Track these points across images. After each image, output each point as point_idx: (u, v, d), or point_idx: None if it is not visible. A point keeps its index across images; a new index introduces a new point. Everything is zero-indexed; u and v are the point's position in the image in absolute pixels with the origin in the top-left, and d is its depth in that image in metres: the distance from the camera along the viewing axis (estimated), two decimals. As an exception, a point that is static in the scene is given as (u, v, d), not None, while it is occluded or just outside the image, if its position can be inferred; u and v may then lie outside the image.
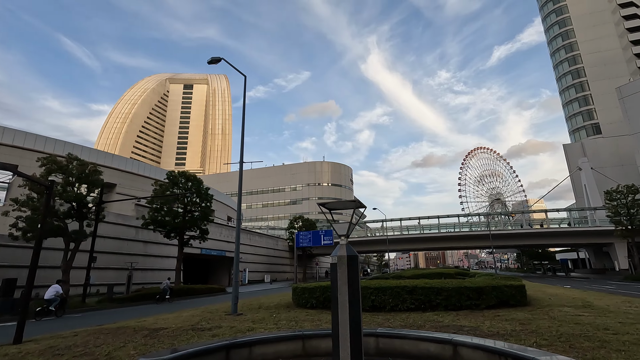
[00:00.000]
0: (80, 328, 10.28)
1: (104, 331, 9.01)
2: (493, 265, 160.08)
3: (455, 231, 57.53)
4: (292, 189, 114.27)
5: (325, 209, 5.51)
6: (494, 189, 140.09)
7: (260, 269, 55.11)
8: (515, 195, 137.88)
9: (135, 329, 9.18)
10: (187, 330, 8.61)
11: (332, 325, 4.89)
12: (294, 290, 13.64)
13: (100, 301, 22.01)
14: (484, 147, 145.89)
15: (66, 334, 9.12)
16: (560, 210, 58.08)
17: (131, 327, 9.51)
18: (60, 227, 19.97)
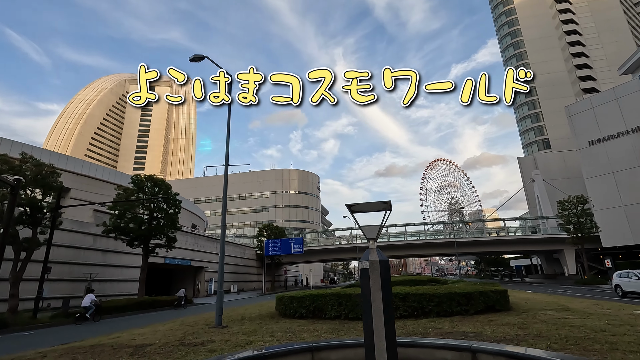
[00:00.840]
0: (44, 348, 9.06)
1: (77, 350, 7.99)
2: (452, 272, 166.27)
3: (422, 239, 59.17)
4: (258, 197, 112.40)
5: (354, 211, 5.22)
6: (452, 199, 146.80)
7: (227, 278, 53.07)
8: (472, 205, 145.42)
9: (113, 346, 8.24)
10: (176, 346, 7.85)
11: (365, 335, 4.58)
12: (280, 300, 13.08)
13: (55, 316, 19.91)
14: (443, 158, 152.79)
15: (30, 354, 7.97)
16: (517, 219, 61.71)
17: (108, 345, 8.54)
18: (10, 234, 17.87)
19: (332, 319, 11.20)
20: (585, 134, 53.71)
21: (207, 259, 48.72)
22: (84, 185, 34.55)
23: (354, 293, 11.35)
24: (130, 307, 24.39)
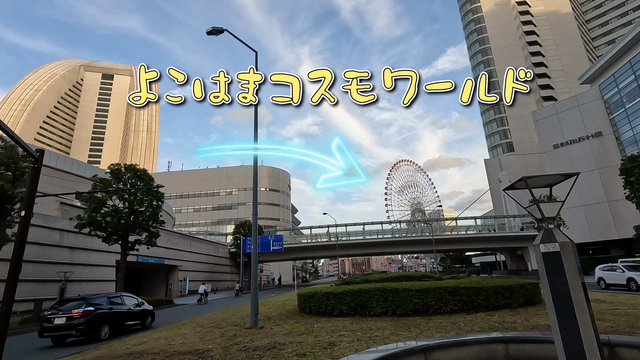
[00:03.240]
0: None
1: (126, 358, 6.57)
2: (416, 269, 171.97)
3: (399, 236, 60.07)
4: (227, 193, 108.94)
5: (532, 185, 4.49)
6: (415, 199, 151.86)
7: (201, 277, 50.44)
8: (432, 205, 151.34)
9: (165, 353, 6.88)
10: (243, 350, 6.68)
11: (563, 332, 3.88)
12: (310, 297, 12.09)
13: (24, 322, 17.39)
14: (407, 159, 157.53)
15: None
16: (487, 217, 64.42)
17: (146, 352, 7.15)
18: (-27, 227, 15.26)
19: (378, 315, 10.45)
20: (550, 138, 57.30)
21: (181, 257, 46.02)
22: (43, 177, 31.00)
23: (400, 288, 10.68)
24: (109, 310, 22.00)
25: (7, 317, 5.67)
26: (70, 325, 11.57)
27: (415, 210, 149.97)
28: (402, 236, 61.61)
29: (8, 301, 5.77)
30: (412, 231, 67.02)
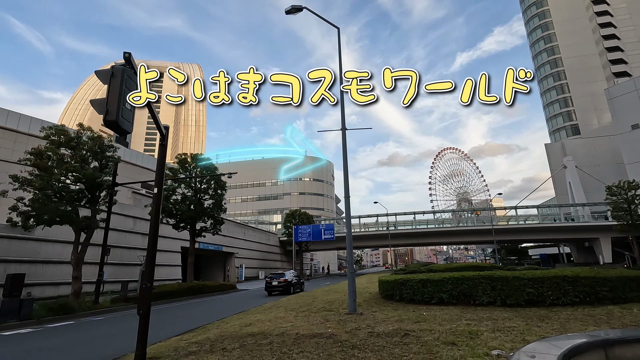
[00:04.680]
0: (161, 341, 7.52)
1: (242, 343, 6.42)
2: (464, 260, 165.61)
3: (453, 226, 57.66)
4: (272, 184, 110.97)
5: None
6: (461, 188, 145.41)
7: (255, 264, 52.00)
8: (480, 194, 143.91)
9: (278, 335, 6.67)
10: (375, 336, 6.26)
11: None
12: (403, 284, 11.49)
13: (114, 300, 18.59)
14: (452, 147, 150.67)
15: (183, 344, 6.41)
16: (552, 206, 59.86)
17: (266, 334, 6.98)
18: (68, 213, 16.35)
19: (486, 305, 9.62)
20: (628, 117, 51.43)
21: (236, 245, 47.48)
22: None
23: (510, 276, 9.74)
24: (182, 293, 23.05)
25: (149, 291, 5.66)
26: (277, 285, 23.52)
27: (462, 199, 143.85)
28: (460, 226, 59.06)
29: (149, 278, 5.75)
30: (459, 221, 63.95)
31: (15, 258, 20.00)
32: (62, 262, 22.31)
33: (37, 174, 15.62)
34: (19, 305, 13.31)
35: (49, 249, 22.06)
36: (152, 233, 5.90)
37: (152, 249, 5.88)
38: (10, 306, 13.22)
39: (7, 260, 19.58)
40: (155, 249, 5.91)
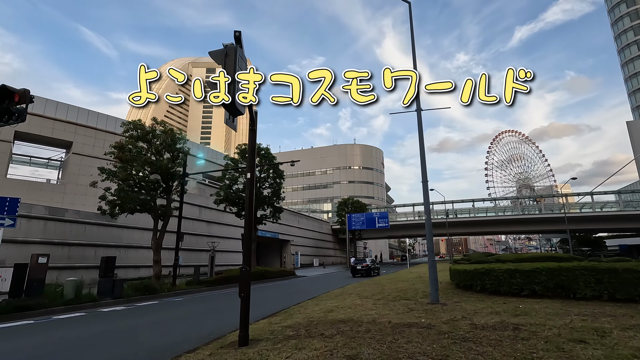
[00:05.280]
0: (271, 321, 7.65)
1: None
2: (525, 250, 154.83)
3: (520, 214, 53.80)
4: (322, 173, 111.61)
5: None
6: (521, 173, 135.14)
7: (309, 252, 52.98)
8: (543, 180, 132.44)
9: (370, 322, 6.46)
10: (479, 328, 5.82)
11: None
12: (486, 274, 10.75)
13: (188, 283, 19.86)
14: (511, 130, 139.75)
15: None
16: (637, 191, 53.36)
17: (352, 321, 6.82)
18: (148, 201, 17.62)
19: (589, 299, 8.62)
20: None
21: (291, 233, 48.57)
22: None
23: (620, 267, 8.60)
24: (247, 277, 24.02)
25: (248, 273, 5.72)
26: (361, 269, 28.89)
27: (522, 186, 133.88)
28: (525, 214, 55.00)
29: (247, 262, 5.81)
30: (523, 209, 59.26)
31: (103, 243, 22.17)
32: (141, 247, 24.33)
33: (120, 166, 16.96)
34: (112, 285, 14.64)
35: (130, 234, 24.12)
36: (247, 217, 5.93)
37: (248, 234, 5.92)
38: (105, 286, 14.60)
39: (96, 244, 21.77)
40: (251, 234, 5.94)
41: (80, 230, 21.14)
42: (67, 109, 32.58)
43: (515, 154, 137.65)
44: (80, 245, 20.67)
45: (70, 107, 32.85)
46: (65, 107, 32.80)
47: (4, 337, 7.91)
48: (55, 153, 35.57)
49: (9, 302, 11.17)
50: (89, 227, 21.61)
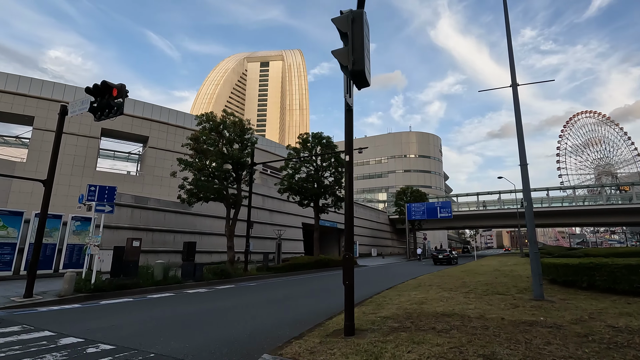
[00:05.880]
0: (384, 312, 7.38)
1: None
2: (606, 244, 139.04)
3: (605, 204, 48.08)
4: (376, 162, 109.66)
5: None
6: (601, 159, 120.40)
7: (367, 242, 52.48)
8: (629, 166, 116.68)
9: (478, 317, 5.86)
10: (626, 332, 4.97)
11: None
12: (596, 269, 9.46)
13: (259, 269, 20.53)
14: (588, 111, 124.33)
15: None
16: None
17: (454, 315, 6.26)
18: (221, 190, 18.36)
19: None
20: None
21: (349, 222, 48.38)
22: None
23: None
24: (311, 265, 24.28)
25: (351, 260, 5.45)
26: (442, 258, 33.11)
27: (602, 173, 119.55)
28: (611, 204, 48.99)
29: (348, 248, 5.53)
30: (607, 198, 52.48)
31: (180, 229, 23.76)
32: (212, 234, 25.71)
33: (197, 156, 17.83)
34: (193, 268, 15.53)
35: (202, 222, 25.57)
36: (347, 202, 5.63)
37: (349, 219, 5.61)
38: (187, 269, 15.54)
39: (174, 230, 23.40)
40: (352, 219, 5.64)
41: (161, 218, 22.83)
42: (142, 106, 35.18)
43: (594, 137, 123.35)
44: (161, 231, 22.34)
45: (146, 105, 35.45)
46: (141, 104, 35.42)
47: (117, 312, 8.62)
48: (134, 147, 38.95)
49: (111, 280, 12.28)
50: (167, 215, 23.27)
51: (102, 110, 9.96)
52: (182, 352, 5.22)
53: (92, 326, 6.97)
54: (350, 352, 4.30)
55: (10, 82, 29.64)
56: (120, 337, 6.13)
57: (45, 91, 30.56)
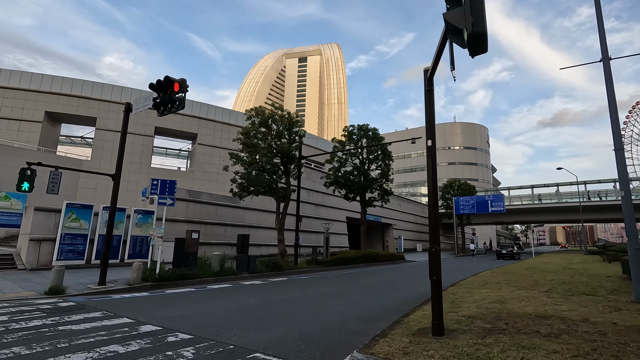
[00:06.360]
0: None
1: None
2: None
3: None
4: (418, 155, 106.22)
5: None
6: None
7: (411, 237, 51.06)
8: None
9: (567, 319, 5.13)
10: None
11: None
12: None
13: (309, 262, 20.48)
14: None
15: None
16: None
17: (571, 319, 5.56)
18: (271, 184, 18.44)
19: None
20: None
21: (393, 216, 47.27)
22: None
23: None
24: (359, 259, 23.85)
25: (439, 254, 4.98)
26: (506, 253, 34.58)
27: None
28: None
29: (434, 241, 5.06)
30: None
31: (230, 222, 24.37)
32: (260, 227, 26.13)
33: (247, 150, 18.03)
34: (247, 261, 15.75)
35: (251, 216, 26.06)
36: (431, 191, 5.14)
37: (434, 209, 5.13)
38: (242, 261, 15.79)
39: (225, 224, 24.04)
40: (437, 210, 5.15)
41: (213, 211, 23.53)
42: (191, 104, 36.50)
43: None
44: (212, 224, 23.03)
45: (194, 103, 36.76)
46: (189, 103, 36.76)
47: (184, 301, 8.80)
48: (184, 145, 40.70)
49: (174, 271, 12.72)
50: (219, 208, 23.94)
51: (164, 105, 10.19)
52: (261, 345, 5.08)
53: (165, 315, 7.10)
54: (450, 356, 3.86)
55: (75, 86, 31.99)
56: (195, 326, 6.15)
57: (105, 94, 32.66)
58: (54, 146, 33.19)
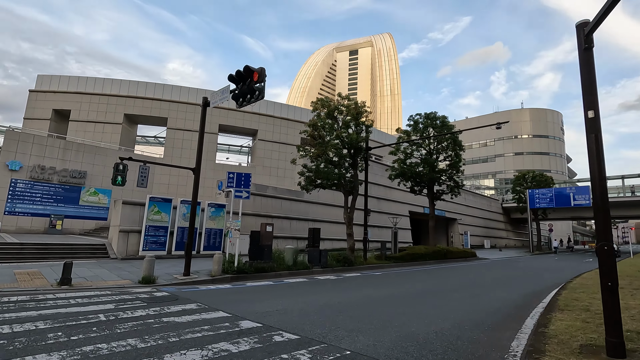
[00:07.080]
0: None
1: None
2: None
3: None
4: (481, 145, 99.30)
5: None
6: None
7: (478, 232, 47.65)
8: None
9: None
10: None
11: None
12: None
13: (377, 257, 19.68)
14: None
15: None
16: None
17: None
18: (341, 177, 17.83)
19: None
20: None
21: (458, 210, 44.43)
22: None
23: None
24: (429, 256, 22.47)
25: (612, 254, 3.92)
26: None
27: None
28: None
29: (605, 237, 4.01)
30: None
31: (295, 216, 24.36)
32: (324, 221, 25.82)
33: (314, 142, 17.63)
34: (319, 255, 15.38)
35: (315, 209, 25.85)
36: (597, 174, 4.08)
37: (602, 194, 4.06)
38: (313, 255, 15.46)
39: (290, 217, 24.08)
40: (605, 195, 4.08)
41: (278, 205, 23.67)
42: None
43: None
44: (279, 218, 23.16)
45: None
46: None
47: (268, 295, 8.54)
48: (244, 141, 41.85)
49: (251, 263, 12.70)
50: (284, 202, 24.04)
51: (244, 96, 10.00)
52: (376, 351, 4.47)
53: (258, 310, 6.81)
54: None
55: (148, 89, 34.23)
56: (295, 324, 5.72)
57: (174, 95, 34.57)
58: (132, 146, 35.98)
